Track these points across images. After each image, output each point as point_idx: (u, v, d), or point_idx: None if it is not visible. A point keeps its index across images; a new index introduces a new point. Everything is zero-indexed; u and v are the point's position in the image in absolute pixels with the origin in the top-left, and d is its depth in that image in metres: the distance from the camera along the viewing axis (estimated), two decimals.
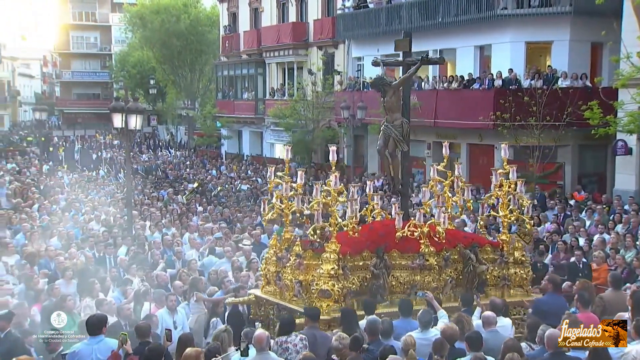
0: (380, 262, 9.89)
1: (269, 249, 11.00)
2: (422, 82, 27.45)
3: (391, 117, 11.08)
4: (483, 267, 10.56)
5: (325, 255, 9.60)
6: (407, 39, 11.69)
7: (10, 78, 69.91)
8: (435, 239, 10.42)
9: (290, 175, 11.07)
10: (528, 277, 10.95)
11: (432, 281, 10.14)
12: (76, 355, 8.25)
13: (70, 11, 71.47)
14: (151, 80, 53.60)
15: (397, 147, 11.01)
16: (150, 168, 35.10)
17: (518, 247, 11.04)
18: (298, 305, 9.79)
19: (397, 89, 11.10)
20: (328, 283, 9.40)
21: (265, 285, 10.69)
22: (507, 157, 11.53)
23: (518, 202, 11.04)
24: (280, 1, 38.42)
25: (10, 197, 21.51)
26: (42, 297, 11.37)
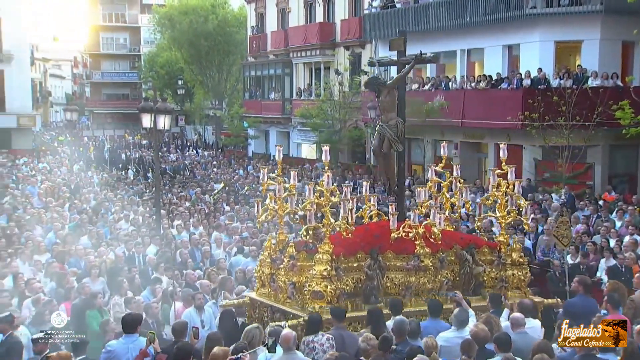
0: (374, 264, 9.73)
1: (263, 251, 10.84)
2: (449, 82, 27.28)
3: (386, 117, 10.88)
4: (480, 268, 10.39)
5: (318, 256, 9.47)
6: (402, 39, 11.45)
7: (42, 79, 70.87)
8: (431, 240, 10.25)
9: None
10: (526, 278, 10.74)
11: (428, 283, 9.94)
12: (112, 353, 8.35)
13: (100, 13, 72.34)
14: (179, 81, 54.00)
15: (392, 148, 10.81)
16: (178, 168, 35.32)
17: (516, 248, 10.87)
18: (291, 307, 9.66)
19: (391, 89, 10.89)
20: (321, 284, 9.26)
21: (259, 287, 10.55)
22: (505, 157, 11.33)
23: (516, 202, 10.80)
24: (308, 1, 38.46)
25: (41, 196, 21.82)
26: (72, 295, 11.50)
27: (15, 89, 42.29)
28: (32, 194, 22.61)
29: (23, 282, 11.74)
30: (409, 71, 11.05)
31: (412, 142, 30.72)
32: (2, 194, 22.31)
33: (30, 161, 35.33)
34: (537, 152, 24.37)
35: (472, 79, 26.36)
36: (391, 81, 11.03)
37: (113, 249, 14.81)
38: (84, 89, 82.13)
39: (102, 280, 12.75)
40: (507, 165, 10.97)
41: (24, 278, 11.97)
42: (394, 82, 10.99)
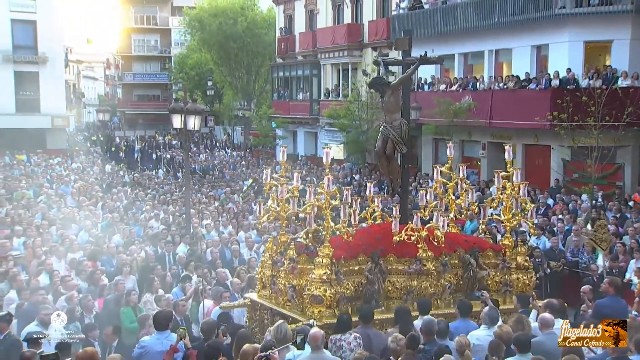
0: (375, 267, 9.56)
1: (264, 252, 10.74)
2: (477, 83, 27.10)
3: (390, 118, 10.63)
4: (484, 272, 10.20)
5: (317, 259, 9.31)
6: (407, 38, 11.29)
7: (75, 81, 71.92)
8: (434, 243, 10.04)
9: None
10: (531, 282, 10.53)
11: (430, 287, 9.76)
12: (145, 349, 8.44)
13: (132, 15, 73.07)
14: (209, 82, 54.33)
15: (395, 149, 10.59)
16: (207, 168, 35.57)
17: (521, 252, 10.65)
18: (291, 310, 9.56)
19: (396, 89, 10.65)
20: (320, 288, 9.11)
21: (260, 289, 10.42)
22: (510, 158, 11.08)
23: (521, 205, 10.58)
24: (336, 3, 38.46)
25: (74, 196, 22.12)
26: (105, 292, 11.65)
27: (49, 91, 42.94)
28: (66, 193, 22.93)
29: (58, 279, 11.92)
30: (413, 72, 10.85)
31: (439, 143, 30.58)
32: (37, 193, 22.67)
33: (64, 161, 35.82)
34: (566, 153, 24.09)
35: (500, 79, 26.15)
36: (395, 82, 10.74)
37: (144, 248, 14.98)
38: (115, 90, 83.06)
39: (133, 278, 12.91)
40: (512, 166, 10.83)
41: (59, 275, 12.16)
42: (398, 82, 10.73)
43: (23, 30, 42.10)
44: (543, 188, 23.31)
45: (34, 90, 42.84)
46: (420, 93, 29.68)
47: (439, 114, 26.69)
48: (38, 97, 42.88)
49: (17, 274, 12.04)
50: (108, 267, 13.57)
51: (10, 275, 11.96)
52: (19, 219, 17.57)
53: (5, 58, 41.32)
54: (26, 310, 10.45)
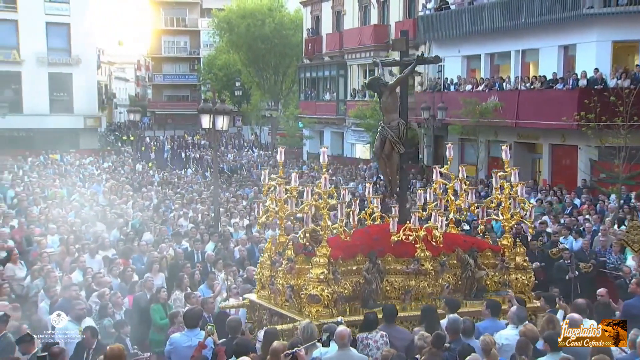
0: (372, 267, 9.46)
1: (263, 253, 10.67)
2: (503, 83, 26.89)
3: (388, 118, 10.53)
4: (482, 272, 10.08)
5: (315, 259, 9.24)
6: (404, 39, 11.19)
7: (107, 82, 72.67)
8: (432, 243, 9.93)
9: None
10: (530, 283, 10.39)
11: (428, 287, 9.66)
12: (174, 345, 8.53)
13: (162, 17, 73.71)
14: (237, 83, 54.63)
15: (393, 149, 10.48)
16: (235, 167, 35.79)
17: (520, 252, 10.50)
18: (289, 310, 9.47)
19: (393, 90, 10.57)
20: (317, 288, 9.03)
21: (259, 289, 10.35)
22: (509, 159, 10.97)
23: (519, 206, 10.44)
24: (363, 4, 38.42)
25: (106, 194, 22.38)
26: (135, 289, 11.79)
27: (82, 92, 43.60)
28: (98, 192, 23.19)
29: (90, 276, 12.09)
30: (410, 72, 10.75)
31: (465, 143, 30.40)
32: (70, 192, 22.98)
33: (96, 160, 36.27)
34: (593, 153, 23.78)
35: (526, 79, 25.91)
36: (392, 82, 10.66)
37: (173, 246, 15.11)
38: (146, 91, 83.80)
39: (162, 276, 13.04)
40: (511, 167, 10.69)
41: (91, 272, 12.33)
42: (395, 83, 10.64)
43: (57, 33, 42.82)
44: (570, 188, 23.05)
45: (68, 92, 43.55)
46: (446, 93, 29.54)
47: (465, 114, 26.53)
48: (71, 98, 43.58)
49: (51, 270, 12.22)
50: (139, 264, 13.72)
51: (44, 272, 12.16)
52: (53, 217, 17.82)
53: (40, 60, 42.03)
54: (60, 306, 10.61)
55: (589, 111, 21.10)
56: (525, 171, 27.24)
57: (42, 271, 12.27)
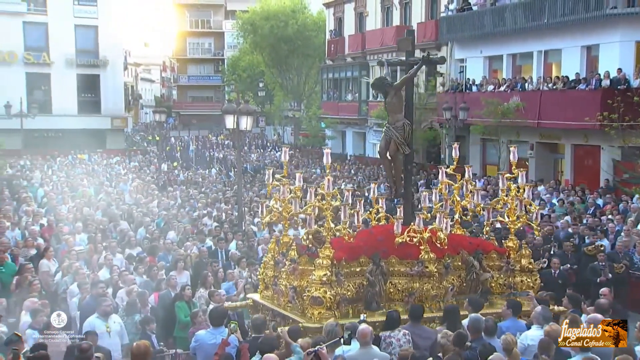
0: (376, 269, 9.32)
1: (267, 253, 10.57)
2: (525, 83, 26.67)
3: (393, 119, 10.37)
4: (487, 274, 9.92)
5: (318, 261, 9.12)
6: (410, 39, 10.98)
7: (133, 83, 73.30)
8: (436, 245, 9.77)
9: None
10: (535, 285, 10.22)
11: (432, 289, 9.50)
12: (199, 342, 8.59)
13: (187, 19, 74.23)
14: (260, 83, 54.82)
15: (398, 150, 10.31)
16: (258, 167, 35.88)
17: (525, 254, 10.32)
18: (291, 312, 9.35)
19: (398, 90, 10.39)
20: (320, 290, 8.91)
21: (263, 289, 10.23)
22: (515, 160, 10.79)
23: (525, 208, 10.28)
24: (385, 5, 38.33)
25: (132, 194, 22.58)
26: (161, 287, 11.89)
27: (109, 93, 44.05)
28: (124, 191, 23.39)
29: (117, 274, 12.22)
30: (416, 72, 10.58)
31: (487, 143, 30.20)
32: (98, 191, 23.22)
33: (122, 160, 36.58)
34: (616, 153, 23.48)
35: (548, 79, 25.66)
36: (398, 82, 10.49)
37: (197, 244, 15.20)
38: (171, 92, 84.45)
39: (187, 274, 13.13)
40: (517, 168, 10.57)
41: (118, 270, 12.45)
42: (400, 83, 10.48)
43: (85, 35, 43.30)
44: (592, 188, 22.79)
45: (95, 93, 44.01)
46: (468, 94, 29.38)
47: (487, 114, 26.36)
48: (99, 99, 44.04)
49: (80, 268, 12.36)
50: (165, 262, 13.82)
51: (73, 270, 12.31)
52: (81, 215, 18.02)
53: (69, 62, 42.54)
54: (87, 303, 10.74)
55: (612, 111, 20.88)
56: (547, 171, 27.07)
57: (70, 268, 12.43)
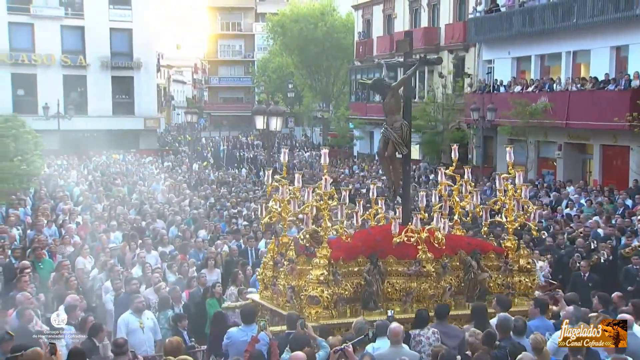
0: (373, 269, 9.21)
1: (267, 253, 10.48)
2: (553, 84, 26.34)
3: (391, 119, 10.21)
4: (485, 274, 9.74)
5: (315, 260, 9.04)
6: (407, 40, 10.84)
7: (166, 84, 74.06)
8: (434, 245, 9.63)
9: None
10: (534, 285, 10.07)
11: (429, 288, 9.36)
12: (230, 339, 8.65)
13: (218, 22, 74.73)
14: (289, 85, 54.92)
15: (396, 151, 10.16)
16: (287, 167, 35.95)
17: (524, 254, 10.15)
18: (290, 311, 9.11)
19: (396, 91, 10.26)
20: (317, 289, 8.83)
21: (262, 290, 10.16)
22: (512, 160, 10.53)
23: (523, 208, 10.09)
24: (413, 7, 38.17)
25: (164, 193, 22.79)
26: (192, 284, 11.99)
27: (143, 94, 44.59)
28: (156, 190, 23.61)
29: (149, 271, 12.35)
30: (413, 73, 10.39)
31: (514, 143, 29.89)
32: (131, 190, 23.49)
33: (155, 160, 36.93)
34: None
35: (577, 80, 25.32)
36: (395, 83, 10.34)
37: (228, 243, 15.30)
38: (202, 93, 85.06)
39: (218, 271, 13.21)
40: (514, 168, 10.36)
41: (150, 267, 12.59)
42: (398, 83, 10.34)
43: (120, 38, 43.91)
44: (621, 189, 22.42)
45: (129, 94, 44.57)
46: (495, 94, 29.12)
47: (515, 115, 26.10)
48: (132, 100, 44.59)
49: (114, 265, 12.52)
50: (196, 260, 13.93)
51: (108, 267, 12.47)
52: (115, 214, 18.25)
53: (104, 64, 43.15)
54: (122, 299, 10.88)
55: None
56: (575, 172, 26.71)
57: (105, 266, 12.60)
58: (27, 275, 11.09)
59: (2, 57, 40.61)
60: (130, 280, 11.30)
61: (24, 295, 9.91)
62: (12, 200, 19.88)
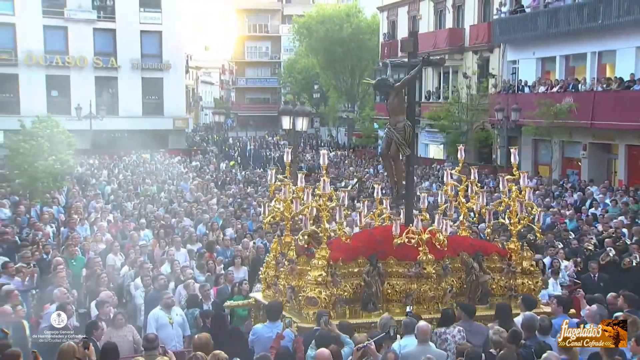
0: (373, 270, 9.08)
1: (270, 252, 10.40)
2: (578, 84, 26.01)
3: (394, 120, 10.03)
4: (486, 276, 9.57)
5: (313, 261, 8.93)
6: (411, 40, 10.66)
7: (194, 85, 74.61)
8: (436, 247, 9.48)
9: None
10: (537, 288, 9.88)
11: (429, 290, 9.21)
12: (256, 335, 8.71)
13: (246, 24, 75.04)
14: (315, 85, 55.00)
15: (399, 151, 9.99)
16: (313, 166, 36.00)
17: (526, 256, 9.96)
18: (289, 312, 9.15)
19: (399, 91, 10.10)
20: (315, 290, 8.73)
21: (265, 289, 10.10)
22: (516, 162, 10.36)
23: (526, 209, 9.89)
24: (438, 8, 37.97)
25: (192, 192, 22.95)
26: (220, 281, 12.07)
27: (172, 95, 44.96)
28: (185, 189, 23.79)
29: (178, 268, 12.47)
30: (416, 74, 10.21)
31: (539, 143, 29.60)
32: (160, 189, 23.69)
33: (183, 159, 37.20)
34: None
35: (602, 80, 24.98)
36: (398, 83, 10.16)
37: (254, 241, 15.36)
38: (229, 94, 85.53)
39: (245, 269, 13.28)
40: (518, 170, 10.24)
41: (179, 265, 12.70)
42: (401, 84, 10.14)
43: (150, 40, 44.32)
44: None
45: (159, 95, 44.96)
46: (520, 95, 28.86)
47: (539, 115, 25.83)
48: (162, 101, 44.97)
49: (144, 262, 12.66)
50: (223, 258, 14.02)
51: (137, 264, 12.62)
52: (144, 212, 18.43)
53: (135, 66, 43.60)
54: (152, 295, 11.00)
55: None
56: (600, 172, 26.35)
57: (135, 263, 12.74)
58: (63, 271, 11.29)
59: (37, 59, 41.29)
60: (159, 277, 11.42)
61: (61, 290, 10.11)
62: (46, 199, 20.20)
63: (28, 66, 41.13)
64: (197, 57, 75.84)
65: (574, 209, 19.70)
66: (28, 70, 41.19)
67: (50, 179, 21.83)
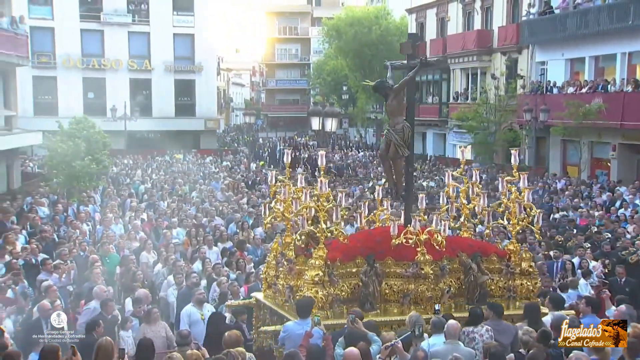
0: (370, 270, 8.99)
1: (270, 252, 10.35)
2: (608, 85, 25.58)
3: (393, 121, 9.93)
4: (485, 277, 9.40)
5: (310, 261, 8.88)
6: (410, 42, 10.53)
7: (225, 87, 75.09)
8: (435, 247, 9.34)
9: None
10: (535, 289, 9.68)
11: (427, 290, 9.07)
12: (287, 332, 8.74)
13: (276, 26, 75.32)
14: (344, 87, 54.92)
15: (398, 152, 9.88)
16: (342, 167, 35.99)
17: (526, 257, 9.78)
18: (288, 311, 9.09)
19: (398, 93, 9.98)
20: (312, 290, 8.67)
21: (265, 289, 10.07)
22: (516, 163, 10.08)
23: (525, 210, 9.71)
24: (466, 10, 37.68)
25: (223, 191, 23.12)
26: (250, 279, 12.14)
27: (203, 96, 45.35)
28: (216, 188, 23.96)
29: (210, 266, 12.57)
30: (414, 75, 10.10)
31: (567, 144, 29.18)
32: (192, 189, 23.91)
33: (215, 159, 37.48)
34: None
35: (632, 81, 24.53)
36: (397, 85, 10.03)
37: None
38: (260, 95, 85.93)
39: None
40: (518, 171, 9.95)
41: (210, 262, 12.81)
42: (400, 86, 10.00)
43: (183, 43, 44.78)
44: None
45: (191, 96, 45.39)
46: (548, 96, 28.50)
47: (568, 116, 25.48)
48: (194, 102, 45.39)
49: (176, 260, 12.79)
50: (253, 257, 14.11)
51: (170, 262, 12.75)
52: (177, 211, 18.61)
53: (168, 68, 44.09)
54: (184, 292, 11.12)
55: None
56: (630, 172, 25.88)
57: (168, 260, 12.88)
58: (99, 268, 11.47)
59: (75, 62, 42.03)
60: (191, 274, 11.53)
61: (100, 288, 10.29)
62: (83, 198, 20.54)
63: (66, 69, 41.89)
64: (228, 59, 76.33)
65: (604, 210, 19.39)
66: (66, 72, 41.94)
67: (86, 179, 22.21)
